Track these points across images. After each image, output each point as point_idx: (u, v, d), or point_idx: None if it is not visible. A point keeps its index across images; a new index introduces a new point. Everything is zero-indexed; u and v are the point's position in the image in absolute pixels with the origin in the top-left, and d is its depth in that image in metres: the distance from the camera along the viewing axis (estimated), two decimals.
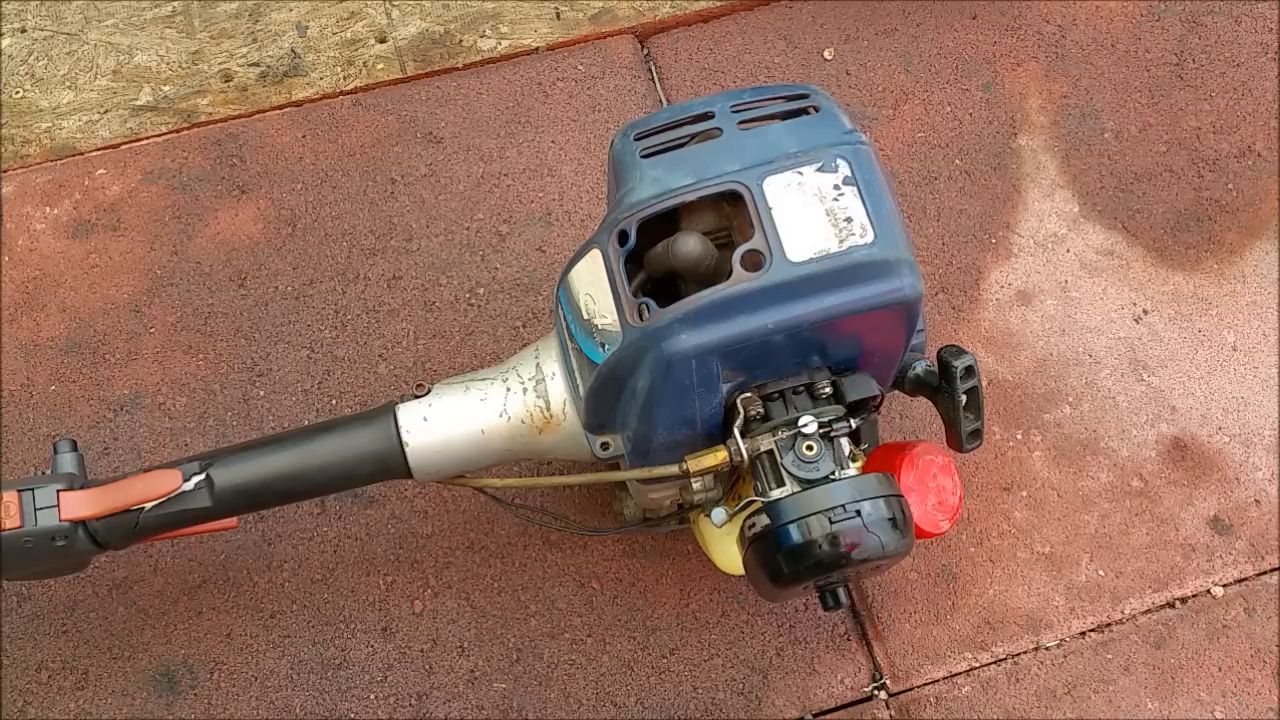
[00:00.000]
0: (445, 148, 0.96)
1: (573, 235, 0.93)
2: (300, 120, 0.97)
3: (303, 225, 0.93)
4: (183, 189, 0.94)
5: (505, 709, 0.78)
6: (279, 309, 0.90)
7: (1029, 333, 0.90)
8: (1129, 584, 0.82)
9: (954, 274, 0.92)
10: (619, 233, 0.56)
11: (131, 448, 0.85)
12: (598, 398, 0.60)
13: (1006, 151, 0.97)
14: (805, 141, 0.57)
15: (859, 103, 0.99)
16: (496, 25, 1.02)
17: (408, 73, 1.00)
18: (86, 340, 0.88)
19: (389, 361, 0.88)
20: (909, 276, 0.55)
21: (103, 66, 1.00)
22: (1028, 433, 0.87)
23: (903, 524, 0.57)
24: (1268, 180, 0.96)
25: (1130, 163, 0.97)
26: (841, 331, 0.57)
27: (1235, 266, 0.93)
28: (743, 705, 0.78)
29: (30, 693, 0.78)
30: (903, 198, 0.95)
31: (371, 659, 0.79)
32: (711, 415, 0.59)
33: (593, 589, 0.81)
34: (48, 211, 0.93)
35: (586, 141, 0.96)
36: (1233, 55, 1.01)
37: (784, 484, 0.58)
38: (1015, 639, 0.80)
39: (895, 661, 0.79)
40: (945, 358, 0.63)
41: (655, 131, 0.59)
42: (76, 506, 0.61)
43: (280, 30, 1.01)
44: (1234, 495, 0.85)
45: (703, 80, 0.99)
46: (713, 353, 0.55)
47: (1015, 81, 1.00)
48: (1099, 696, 0.79)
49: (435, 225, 0.93)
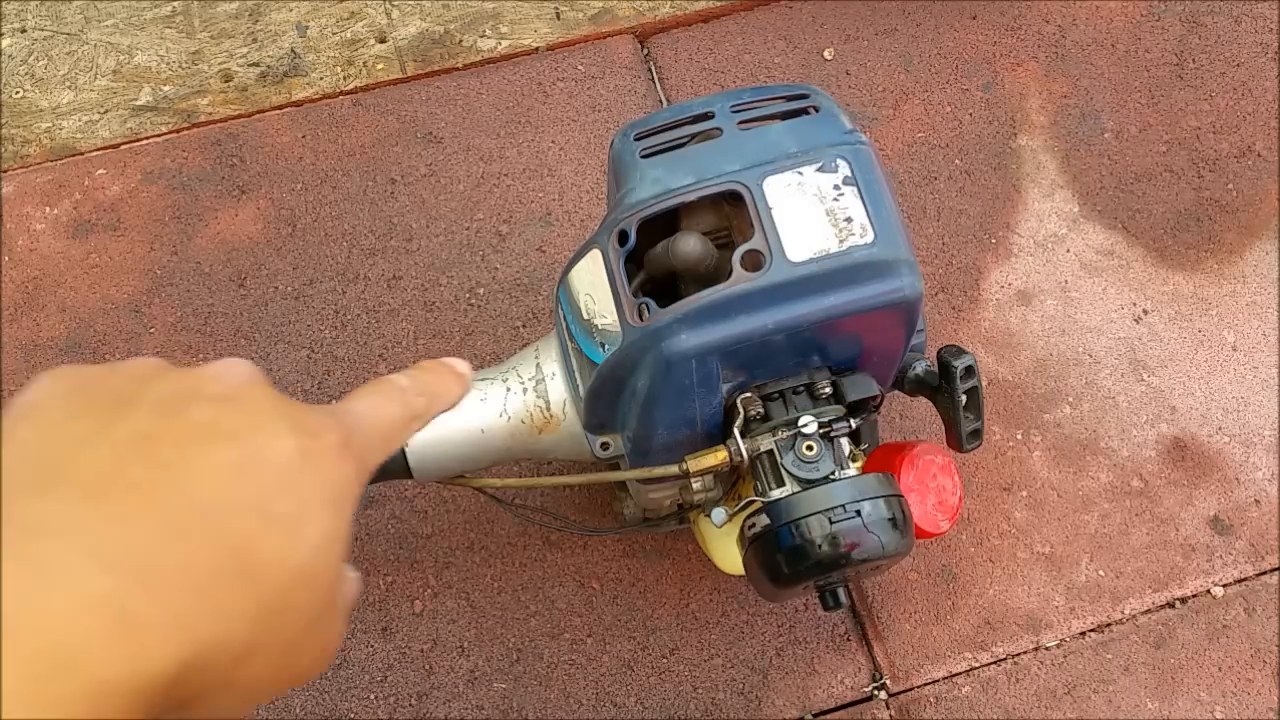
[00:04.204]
0: (445, 148, 0.96)
1: (573, 235, 0.93)
2: (300, 120, 0.97)
3: (303, 225, 0.93)
4: (183, 189, 0.94)
5: (505, 709, 0.78)
6: (279, 309, 0.90)
7: (1029, 333, 0.90)
8: (1129, 584, 0.82)
9: (954, 274, 0.92)
10: (619, 233, 0.56)
11: None
12: (598, 398, 0.60)
13: (1006, 151, 0.97)
14: (805, 141, 0.57)
15: (859, 103, 0.99)
16: (496, 25, 1.02)
17: (408, 73, 1.00)
18: (86, 340, 0.88)
19: (389, 361, 0.88)
20: (909, 276, 0.55)
21: (103, 66, 1.00)
22: (1028, 433, 0.87)
23: (903, 524, 0.57)
24: (1268, 180, 0.96)
25: (1130, 163, 0.97)
26: (841, 331, 0.57)
27: (1235, 266, 0.93)
28: (743, 705, 0.78)
29: None
30: (903, 198, 0.95)
31: (371, 659, 0.79)
32: (711, 415, 0.59)
33: (593, 589, 0.81)
34: (48, 211, 0.93)
35: (586, 141, 0.96)
36: (1233, 55, 1.01)
37: (784, 484, 0.58)
38: (1015, 639, 0.80)
39: (895, 661, 0.79)
40: (945, 358, 0.63)
41: (655, 131, 0.59)
42: None
43: (280, 30, 1.01)
44: (1234, 495, 0.85)
45: (703, 80, 0.99)
46: (713, 353, 0.55)
47: (1015, 81, 1.00)
48: (1099, 696, 0.79)
49: (435, 225, 0.93)
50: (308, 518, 0.31)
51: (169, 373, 0.34)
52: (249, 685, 0.30)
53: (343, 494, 0.33)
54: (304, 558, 0.31)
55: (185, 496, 0.29)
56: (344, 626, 0.35)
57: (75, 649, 0.25)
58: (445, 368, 0.44)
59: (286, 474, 0.31)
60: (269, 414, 0.32)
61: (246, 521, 0.29)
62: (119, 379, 0.33)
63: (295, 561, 0.31)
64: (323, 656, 0.34)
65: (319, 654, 0.33)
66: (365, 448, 0.36)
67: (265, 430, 0.32)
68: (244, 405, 0.32)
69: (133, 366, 0.34)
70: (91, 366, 0.33)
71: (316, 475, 0.32)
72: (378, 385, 0.39)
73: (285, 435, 0.32)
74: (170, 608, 0.27)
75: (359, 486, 0.35)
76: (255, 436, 0.31)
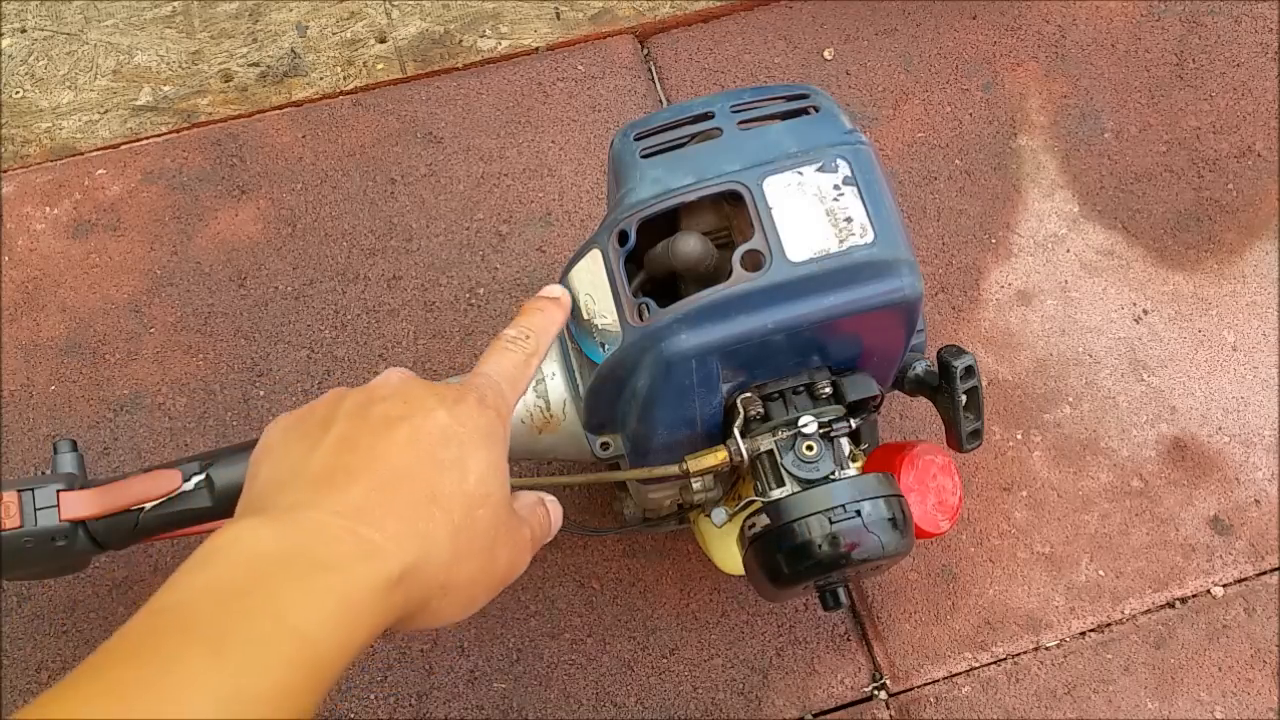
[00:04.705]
0: (445, 148, 0.96)
1: (573, 235, 0.93)
2: (300, 120, 0.97)
3: (303, 225, 0.93)
4: (183, 189, 0.94)
5: (505, 709, 0.78)
6: (279, 309, 0.90)
7: (1029, 333, 0.90)
8: (1129, 584, 0.82)
9: (954, 274, 0.92)
10: (619, 233, 0.56)
11: (131, 448, 0.85)
12: (598, 397, 0.60)
13: (1006, 151, 0.97)
14: (805, 141, 0.57)
15: (859, 103, 0.99)
16: (496, 25, 1.02)
17: (408, 73, 1.00)
18: (86, 340, 0.88)
19: (389, 361, 0.88)
20: (909, 276, 0.55)
21: (103, 66, 1.00)
22: (1028, 433, 0.87)
23: (903, 524, 0.57)
24: (1268, 180, 0.96)
25: (1130, 163, 0.97)
26: (841, 331, 0.57)
27: (1235, 266, 0.93)
28: (743, 705, 0.78)
29: (30, 693, 0.78)
30: (903, 198, 0.95)
31: (371, 659, 0.79)
32: (711, 415, 0.59)
33: (593, 589, 0.81)
34: (48, 211, 0.93)
35: (586, 141, 0.96)
36: (1233, 55, 1.01)
37: (784, 484, 0.58)
38: (1015, 639, 0.80)
39: (895, 661, 0.79)
40: (945, 358, 0.63)
41: (655, 131, 0.59)
42: (76, 506, 0.61)
43: (280, 30, 1.02)
44: (1234, 495, 0.85)
45: (703, 80, 0.99)
46: (713, 353, 0.55)
47: (1015, 81, 1.00)
48: (1099, 696, 0.79)
49: (435, 225, 0.93)
50: (468, 455, 0.44)
51: (351, 393, 0.47)
52: (461, 586, 0.42)
53: (490, 434, 0.46)
54: (472, 484, 0.43)
55: (382, 464, 0.42)
56: (533, 536, 0.48)
57: (334, 562, 0.38)
58: (543, 300, 0.57)
59: (445, 432, 0.44)
60: (423, 398, 0.45)
61: (426, 469, 0.42)
62: (318, 410, 0.46)
63: (467, 487, 0.43)
64: (516, 560, 0.46)
65: (511, 557, 0.46)
66: (498, 396, 0.48)
67: (423, 409, 0.44)
68: (406, 396, 0.45)
69: (326, 399, 0.47)
70: (298, 410, 0.47)
71: (466, 427, 0.45)
72: (494, 345, 0.52)
73: (437, 408, 0.45)
74: (389, 533, 0.39)
75: (502, 426, 0.47)
76: (417, 415, 0.44)
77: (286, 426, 0.46)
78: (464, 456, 0.43)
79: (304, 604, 0.35)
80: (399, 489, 0.41)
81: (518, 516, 0.47)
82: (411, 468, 0.42)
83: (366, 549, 0.38)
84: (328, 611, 0.36)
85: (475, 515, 0.43)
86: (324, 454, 0.42)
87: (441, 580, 0.41)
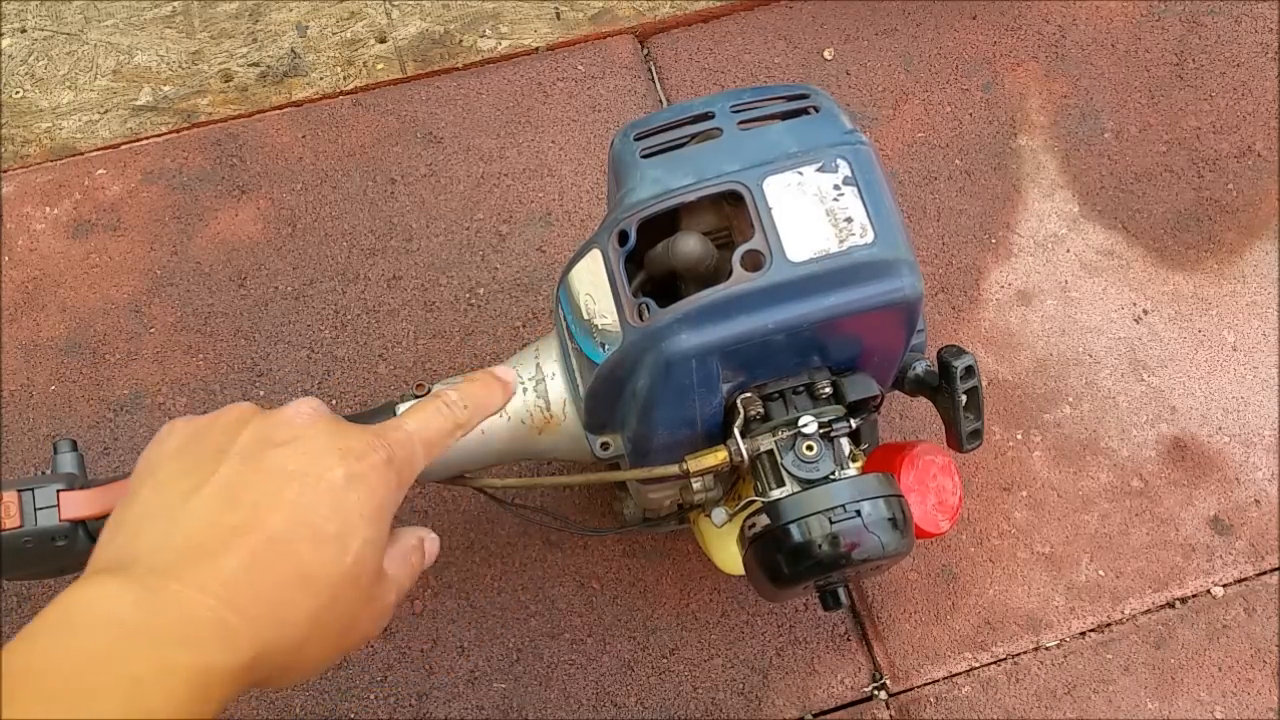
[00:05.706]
0: (445, 148, 0.96)
1: (573, 235, 0.93)
2: (300, 120, 0.97)
3: (303, 225, 0.93)
4: (183, 189, 0.94)
5: (505, 709, 0.78)
6: (279, 309, 0.90)
7: (1029, 333, 0.90)
8: (1129, 584, 0.82)
9: (954, 274, 0.92)
10: (619, 233, 0.56)
11: (131, 448, 0.85)
12: (597, 398, 0.60)
13: (1006, 151, 0.97)
14: (805, 141, 0.56)
15: (859, 103, 0.99)
16: (496, 25, 1.02)
17: (408, 73, 1.00)
18: (86, 340, 0.88)
19: (389, 361, 0.88)
20: (909, 276, 0.55)
21: (103, 66, 1.00)
22: (1028, 433, 0.87)
23: (903, 524, 0.57)
24: (1268, 180, 0.96)
25: (1130, 163, 0.97)
26: (841, 331, 0.57)
27: (1235, 266, 0.93)
28: (743, 705, 0.78)
29: None
30: (903, 198, 0.95)
31: (371, 659, 0.79)
32: (711, 415, 0.59)
33: (593, 589, 0.81)
34: (48, 211, 0.93)
35: (586, 141, 0.96)
36: (1233, 55, 1.01)
37: (784, 484, 0.58)
38: (1015, 639, 0.80)
39: (895, 661, 0.79)
40: (945, 358, 0.63)
41: (655, 131, 0.59)
42: (76, 506, 0.61)
43: (280, 30, 1.02)
44: (1234, 495, 0.85)
45: (703, 80, 0.99)
46: (713, 353, 0.55)
47: (1015, 81, 1.00)
48: (1099, 696, 0.79)
49: (435, 225, 0.93)
50: (351, 533, 0.42)
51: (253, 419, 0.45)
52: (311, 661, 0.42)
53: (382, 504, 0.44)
54: (349, 564, 0.42)
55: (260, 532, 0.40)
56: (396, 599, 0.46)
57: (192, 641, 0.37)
58: (490, 376, 0.55)
59: (335, 502, 0.42)
60: (323, 452, 0.43)
61: (304, 544, 0.41)
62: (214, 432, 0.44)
63: (340, 570, 0.42)
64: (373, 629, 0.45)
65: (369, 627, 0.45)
66: (408, 459, 0.47)
67: (320, 464, 0.43)
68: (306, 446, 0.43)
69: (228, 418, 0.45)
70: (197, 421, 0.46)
71: (359, 494, 0.43)
72: (431, 401, 0.50)
73: (335, 467, 0.43)
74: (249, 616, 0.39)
75: (399, 493, 0.45)
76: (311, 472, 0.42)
77: (179, 446, 0.44)
78: (346, 534, 0.42)
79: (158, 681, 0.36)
80: (271, 567, 0.40)
81: (386, 581, 0.45)
82: (289, 539, 0.40)
83: (225, 632, 0.38)
84: (180, 692, 0.36)
85: (341, 596, 0.42)
86: (204, 504, 0.41)
87: (290, 662, 0.41)
